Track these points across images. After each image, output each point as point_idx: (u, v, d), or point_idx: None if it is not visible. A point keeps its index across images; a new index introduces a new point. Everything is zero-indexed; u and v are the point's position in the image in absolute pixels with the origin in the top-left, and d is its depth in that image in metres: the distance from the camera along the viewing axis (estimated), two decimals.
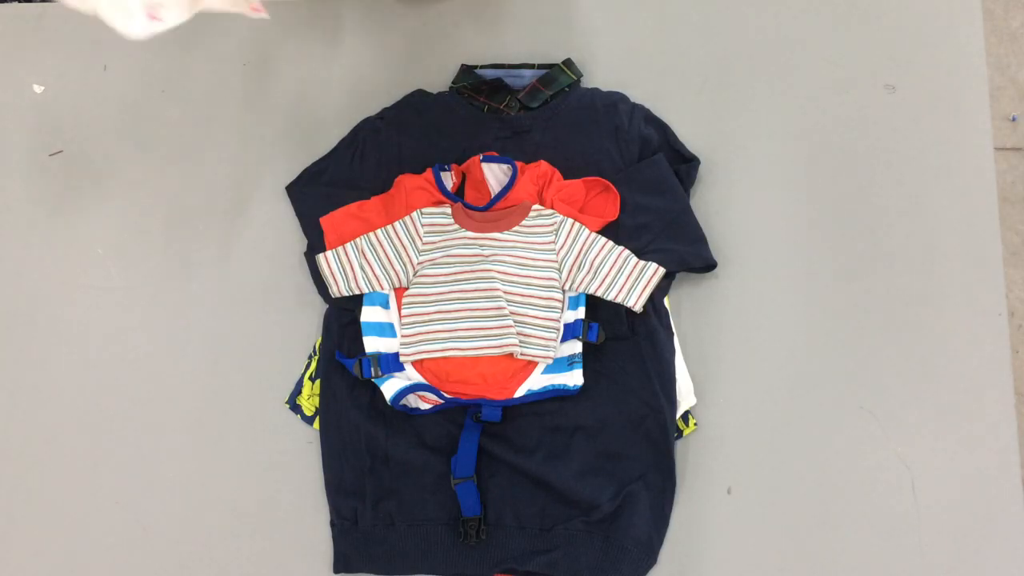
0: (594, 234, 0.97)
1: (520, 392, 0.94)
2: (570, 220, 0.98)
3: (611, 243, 0.97)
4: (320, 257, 1.00)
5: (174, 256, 1.06)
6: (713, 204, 1.02)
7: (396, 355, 0.96)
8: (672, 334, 0.96)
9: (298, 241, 1.05)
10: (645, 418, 0.93)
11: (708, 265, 0.98)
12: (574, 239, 0.97)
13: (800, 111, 1.05)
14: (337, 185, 1.03)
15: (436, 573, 0.93)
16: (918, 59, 1.05)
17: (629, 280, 0.95)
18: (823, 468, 0.94)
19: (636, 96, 1.05)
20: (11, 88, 1.14)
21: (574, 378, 0.94)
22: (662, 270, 0.95)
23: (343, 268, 0.99)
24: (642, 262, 0.95)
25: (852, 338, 0.97)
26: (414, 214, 1.00)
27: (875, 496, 0.93)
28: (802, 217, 1.01)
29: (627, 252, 0.96)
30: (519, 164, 1.01)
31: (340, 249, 1.00)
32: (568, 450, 0.93)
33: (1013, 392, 0.95)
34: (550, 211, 0.98)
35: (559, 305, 0.96)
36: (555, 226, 0.98)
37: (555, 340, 0.95)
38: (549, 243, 0.98)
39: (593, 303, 0.97)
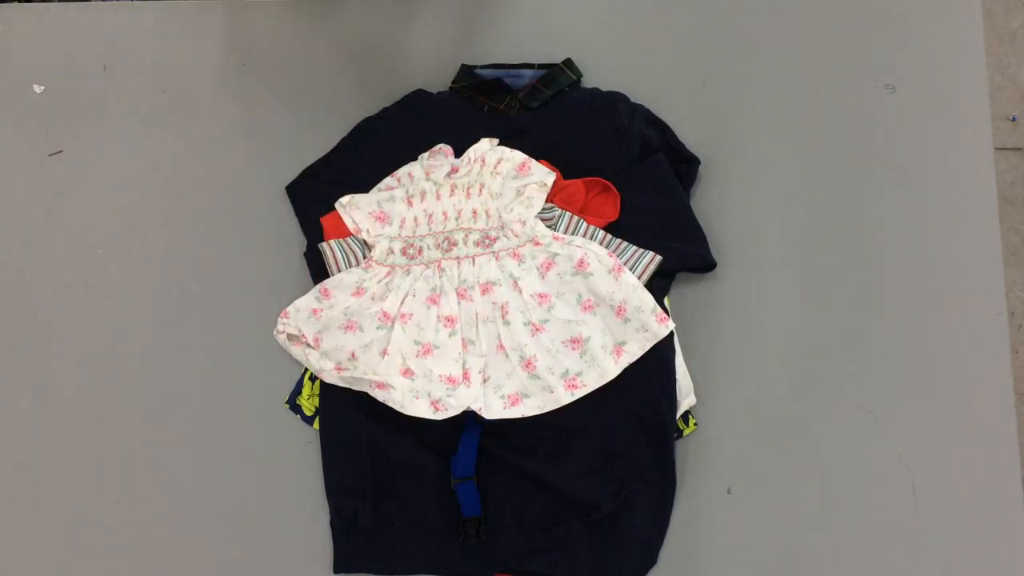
0: (592, 227, 0.97)
1: None
2: (568, 213, 0.98)
3: (609, 235, 0.97)
4: (324, 245, 0.99)
5: (174, 256, 1.06)
6: (713, 204, 1.02)
7: None
8: (672, 334, 0.96)
9: (298, 241, 1.05)
10: (645, 418, 0.93)
11: (708, 265, 0.98)
12: (573, 232, 0.97)
13: (800, 111, 1.05)
14: (337, 185, 1.03)
15: (436, 573, 0.93)
16: (918, 59, 1.05)
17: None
18: (823, 468, 0.94)
19: (636, 96, 1.05)
20: (11, 88, 1.14)
21: None
22: (659, 258, 0.95)
23: (347, 256, 0.99)
24: (640, 250, 0.95)
25: (852, 338, 0.97)
26: None
27: (875, 496, 0.93)
28: (802, 217, 1.01)
29: (625, 243, 0.96)
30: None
31: (343, 240, 1.00)
32: (568, 450, 0.93)
33: (1013, 392, 0.95)
34: (549, 205, 0.98)
35: None
36: (554, 220, 0.98)
37: None
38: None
39: None
